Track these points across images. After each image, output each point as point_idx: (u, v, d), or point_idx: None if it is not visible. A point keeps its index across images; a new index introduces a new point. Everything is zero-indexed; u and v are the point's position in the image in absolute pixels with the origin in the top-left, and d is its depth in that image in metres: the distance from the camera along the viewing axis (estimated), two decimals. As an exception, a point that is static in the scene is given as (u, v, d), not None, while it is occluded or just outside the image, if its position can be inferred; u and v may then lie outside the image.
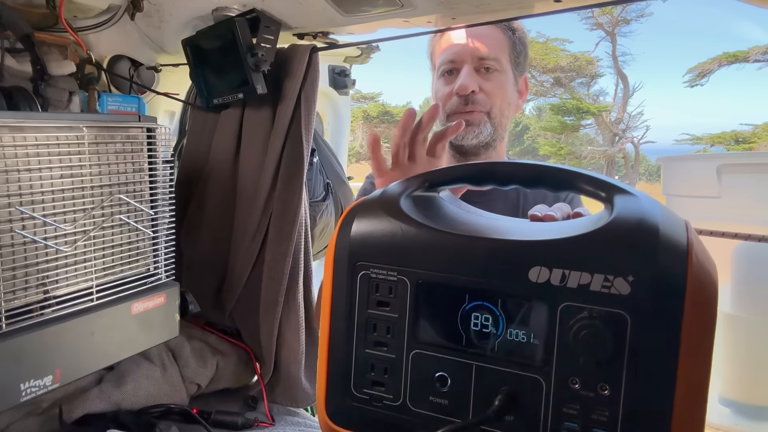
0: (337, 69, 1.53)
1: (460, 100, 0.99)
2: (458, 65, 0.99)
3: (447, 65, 1.01)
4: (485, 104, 0.99)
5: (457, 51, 0.99)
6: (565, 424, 0.39)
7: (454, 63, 1.00)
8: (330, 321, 0.47)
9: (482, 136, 1.00)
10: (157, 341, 0.78)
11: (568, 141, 17.24)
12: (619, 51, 16.06)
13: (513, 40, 1.01)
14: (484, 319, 0.42)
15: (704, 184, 0.72)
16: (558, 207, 0.57)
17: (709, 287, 0.37)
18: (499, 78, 1.00)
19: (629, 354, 0.37)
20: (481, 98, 0.98)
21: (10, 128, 0.59)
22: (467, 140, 1.00)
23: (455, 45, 1.00)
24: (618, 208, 0.40)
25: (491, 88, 0.99)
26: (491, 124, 1.00)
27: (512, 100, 1.03)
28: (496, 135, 1.01)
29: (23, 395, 0.61)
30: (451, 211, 0.50)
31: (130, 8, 0.99)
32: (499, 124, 1.01)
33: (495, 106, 0.99)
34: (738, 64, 14.10)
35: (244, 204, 1.00)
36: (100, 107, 1.01)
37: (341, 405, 0.47)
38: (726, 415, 0.71)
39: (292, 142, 0.95)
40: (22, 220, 0.60)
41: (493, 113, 1.00)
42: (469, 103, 0.98)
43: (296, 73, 0.92)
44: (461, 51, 0.99)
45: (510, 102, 1.02)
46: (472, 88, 0.97)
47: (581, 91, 16.73)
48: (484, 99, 0.99)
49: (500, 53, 0.99)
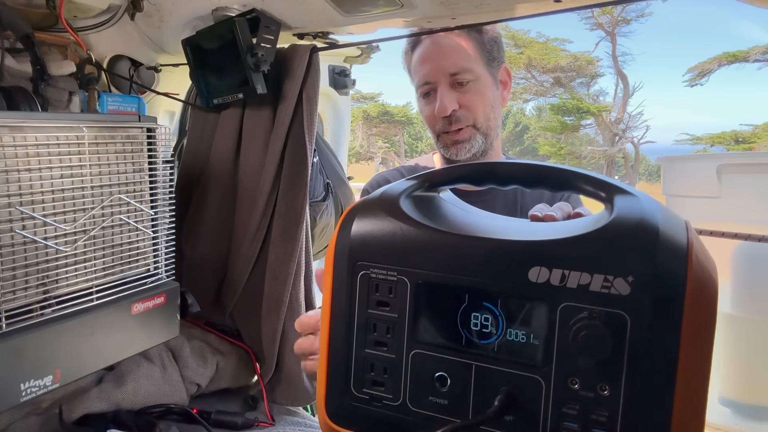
0: (337, 69, 1.53)
1: (443, 121, 0.99)
2: (433, 85, 0.99)
3: (423, 87, 1.00)
4: (468, 118, 0.98)
5: (428, 72, 0.98)
6: (565, 424, 0.39)
7: (429, 84, 0.99)
8: (330, 321, 0.47)
9: (474, 149, 1.00)
10: (157, 341, 0.78)
11: (568, 141, 17.24)
12: (619, 51, 16.07)
13: (481, 41, 0.99)
14: (484, 319, 0.42)
15: (704, 184, 0.72)
16: (558, 207, 0.57)
17: (709, 287, 0.37)
18: (476, 86, 0.98)
19: (629, 354, 0.37)
20: (463, 114, 0.98)
21: (10, 128, 0.59)
22: (461, 155, 1.00)
23: (426, 64, 0.99)
24: (618, 209, 0.40)
25: (470, 100, 0.98)
26: (480, 134, 1.00)
27: (495, 101, 1.02)
28: (488, 140, 1.01)
29: (23, 395, 0.61)
30: (451, 211, 0.50)
31: (130, 8, 0.99)
32: (488, 128, 1.00)
33: (479, 116, 0.99)
34: (738, 64, 14.10)
35: (244, 204, 1.00)
36: (100, 107, 1.01)
37: (341, 405, 0.47)
38: (726, 415, 0.71)
39: (294, 142, 0.95)
40: (22, 220, 0.60)
41: (478, 123, 0.99)
42: (453, 122, 0.98)
43: (296, 73, 0.92)
44: (432, 71, 0.98)
45: (493, 104, 1.01)
46: (452, 108, 0.96)
47: (581, 91, 16.73)
48: (465, 114, 0.98)
49: (471, 62, 0.97)
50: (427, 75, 0.99)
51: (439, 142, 1.03)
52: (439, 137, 1.02)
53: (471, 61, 0.98)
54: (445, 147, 1.02)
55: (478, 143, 0.99)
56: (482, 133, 1.00)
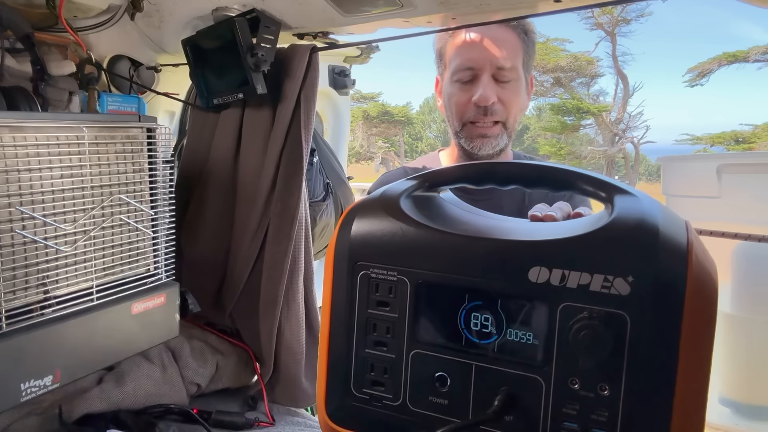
0: (337, 69, 1.53)
1: (478, 110, 0.97)
2: (477, 72, 0.96)
3: (465, 72, 0.98)
4: (502, 114, 0.97)
5: (476, 58, 0.96)
6: (565, 424, 0.39)
7: (472, 70, 0.97)
8: (330, 321, 0.47)
9: (499, 146, 1.00)
10: (157, 341, 0.78)
11: (568, 141, 17.24)
12: (619, 51, 16.08)
13: (527, 43, 0.99)
14: (484, 319, 0.42)
15: (704, 184, 0.72)
16: (558, 206, 0.57)
17: (709, 287, 0.37)
18: (515, 86, 0.98)
19: (629, 354, 0.37)
20: (499, 108, 0.97)
21: (10, 128, 0.59)
22: (484, 150, 0.99)
23: (473, 49, 0.96)
24: (618, 209, 0.40)
25: (508, 97, 0.97)
26: (506, 134, 1.00)
27: (524, 105, 1.02)
28: (508, 140, 1.01)
29: (23, 395, 0.61)
30: (451, 211, 0.50)
31: (130, 8, 0.99)
32: (512, 130, 1.01)
33: (511, 115, 0.98)
34: (738, 64, 14.11)
35: (244, 204, 1.00)
36: (100, 107, 1.01)
37: (341, 405, 0.47)
38: (726, 415, 0.71)
39: (291, 142, 0.95)
40: (22, 220, 0.60)
41: (508, 123, 0.99)
42: (488, 113, 0.97)
43: (296, 73, 0.92)
44: (480, 58, 0.95)
45: (522, 108, 1.02)
46: (493, 99, 0.95)
47: (581, 91, 16.74)
48: (501, 109, 0.97)
49: (516, 60, 0.97)
50: (474, 60, 0.96)
51: (462, 133, 1.00)
52: (464, 127, 1.00)
53: (516, 58, 0.97)
54: (469, 138, 1.00)
55: (503, 141, 0.99)
56: (508, 133, 1.00)
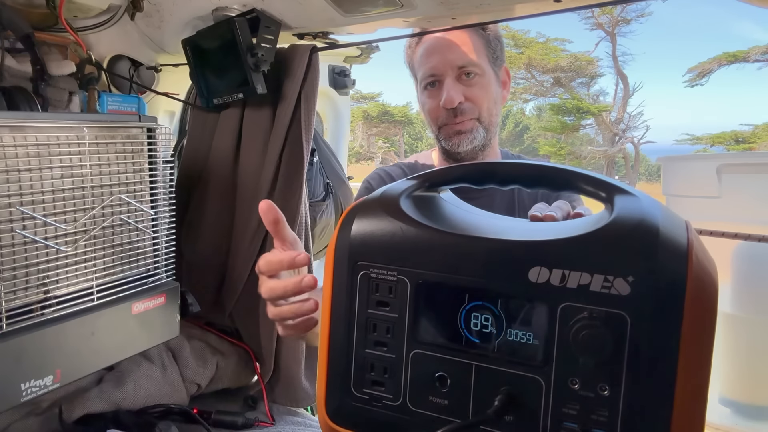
0: (337, 69, 1.53)
1: (448, 113, 0.99)
2: (440, 77, 1.00)
3: (429, 78, 1.01)
4: (473, 111, 1.00)
5: (436, 64, 0.99)
6: (565, 424, 0.39)
7: (435, 76, 1.00)
8: (330, 321, 0.47)
9: (476, 141, 1.01)
10: (157, 341, 0.78)
11: (568, 141, 17.25)
12: (619, 51, 16.08)
13: (487, 38, 1.01)
14: (484, 319, 0.42)
15: (704, 184, 0.72)
16: (558, 206, 0.57)
17: (709, 287, 0.37)
18: (481, 81, 1.00)
19: (629, 354, 0.37)
20: (468, 107, 0.99)
21: (10, 128, 0.59)
22: (462, 147, 1.01)
23: (432, 56, 1.00)
24: (618, 209, 0.40)
25: (475, 94, 0.99)
26: (483, 127, 1.01)
27: (497, 97, 1.04)
28: (489, 135, 1.02)
29: (24, 395, 0.61)
30: (451, 211, 0.50)
31: (130, 8, 0.99)
32: (489, 124, 1.02)
33: (483, 110, 1.00)
34: (738, 64, 14.11)
35: (244, 204, 1.00)
36: (100, 107, 1.01)
37: (341, 405, 0.47)
38: (726, 415, 0.71)
39: (291, 142, 0.95)
40: (22, 220, 0.60)
41: (482, 117, 1.01)
42: (458, 114, 0.99)
43: (296, 73, 0.92)
44: (440, 63, 0.99)
45: (495, 100, 1.03)
46: (458, 100, 0.98)
47: (581, 91, 16.74)
48: (470, 107, 0.99)
49: (478, 57, 0.99)
50: (434, 67, 1.00)
51: (441, 134, 1.03)
52: (440, 130, 1.02)
53: (478, 55, 0.99)
54: (447, 138, 1.02)
55: (480, 135, 1.01)
56: (484, 126, 1.01)
